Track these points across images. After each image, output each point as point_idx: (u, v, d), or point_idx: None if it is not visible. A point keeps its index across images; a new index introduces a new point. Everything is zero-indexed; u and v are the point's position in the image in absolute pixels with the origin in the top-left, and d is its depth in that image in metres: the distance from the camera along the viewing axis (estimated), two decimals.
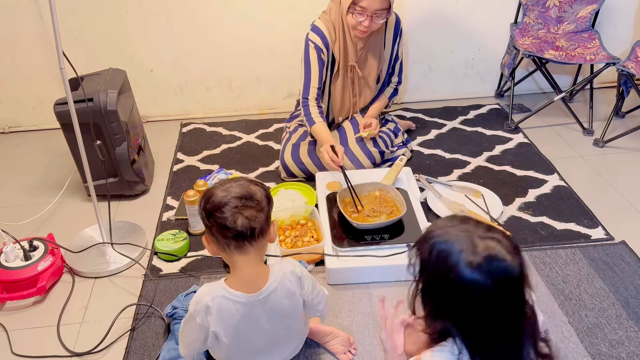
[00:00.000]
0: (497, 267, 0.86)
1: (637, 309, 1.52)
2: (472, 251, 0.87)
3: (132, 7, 2.45)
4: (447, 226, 0.93)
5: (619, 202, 1.99)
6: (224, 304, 1.15)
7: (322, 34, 2.04)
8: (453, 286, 0.88)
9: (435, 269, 0.91)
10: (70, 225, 1.94)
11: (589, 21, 2.52)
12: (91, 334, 1.51)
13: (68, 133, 1.90)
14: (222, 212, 1.09)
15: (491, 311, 0.88)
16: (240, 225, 1.09)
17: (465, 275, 0.86)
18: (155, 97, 2.70)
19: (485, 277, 0.85)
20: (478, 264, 0.85)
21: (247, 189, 1.12)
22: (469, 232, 0.89)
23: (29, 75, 2.57)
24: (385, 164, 2.19)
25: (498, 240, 0.88)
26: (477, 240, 0.88)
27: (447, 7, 2.59)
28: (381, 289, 1.61)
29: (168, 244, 1.78)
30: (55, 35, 1.45)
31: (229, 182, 1.14)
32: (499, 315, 0.88)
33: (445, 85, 2.82)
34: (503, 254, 0.86)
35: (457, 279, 0.87)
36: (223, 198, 1.10)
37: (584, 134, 2.46)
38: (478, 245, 0.87)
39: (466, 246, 0.87)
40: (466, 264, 0.86)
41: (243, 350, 1.23)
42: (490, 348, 0.91)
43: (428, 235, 0.94)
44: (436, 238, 0.92)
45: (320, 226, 1.75)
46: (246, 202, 1.10)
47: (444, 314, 0.93)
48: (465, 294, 0.87)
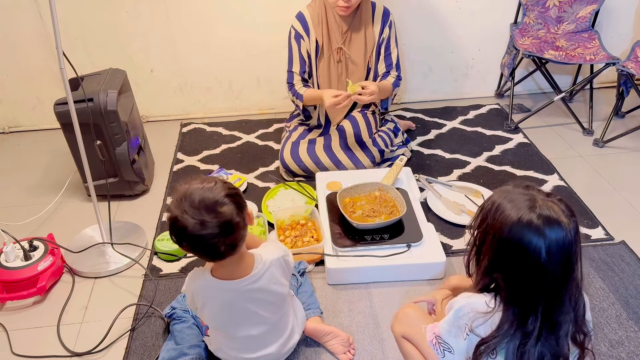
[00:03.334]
0: (552, 227, 0.90)
1: (637, 309, 1.52)
2: (530, 208, 0.91)
3: (132, 7, 2.45)
4: (510, 188, 0.98)
5: (619, 202, 1.99)
6: (211, 295, 1.20)
7: (303, 19, 2.12)
8: (509, 238, 0.92)
9: (493, 221, 0.95)
10: (70, 225, 1.94)
11: (589, 21, 2.52)
12: (91, 334, 1.51)
13: (68, 133, 1.90)
14: (201, 245, 1.09)
15: (538, 270, 0.91)
16: (223, 251, 1.10)
17: (520, 229, 0.90)
18: (155, 97, 2.70)
19: (539, 235, 0.89)
20: (532, 220, 0.90)
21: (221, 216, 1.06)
22: (530, 193, 0.94)
23: (29, 75, 2.57)
24: (385, 163, 2.19)
25: (557, 203, 0.92)
26: (538, 200, 0.92)
27: (447, 7, 2.59)
28: (381, 289, 1.61)
29: (168, 244, 1.78)
30: (55, 35, 1.45)
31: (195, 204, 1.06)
32: (545, 276, 0.91)
33: (445, 85, 2.82)
34: (559, 215, 0.90)
35: (513, 231, 0.91)
36: (201, 232, 1.06)
37: (584, 134, 2.46)
38: (537, 202, 0.92)
39: (526, 202, 0.92)
40: (522, 218, 0.90)
41: (237, 339, 1.25)
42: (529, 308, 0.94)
43: (492, 194, 0.99)
44: (499, 195, 0.97)
45: (320, 226, 1.75)
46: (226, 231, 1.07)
47: (495, 268, 0.97)
48: (519, 248, 0.91)
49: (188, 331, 1.41)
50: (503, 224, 0.92)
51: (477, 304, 0.99)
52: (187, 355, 1.34)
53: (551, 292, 0.93)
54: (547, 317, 0.94)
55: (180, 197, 1.09)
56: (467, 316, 0.99)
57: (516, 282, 0.94)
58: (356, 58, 2.15)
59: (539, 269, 0.91)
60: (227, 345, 1.28)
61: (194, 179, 1.13)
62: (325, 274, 1.65)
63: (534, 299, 0.94)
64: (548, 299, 0.93)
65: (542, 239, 0.89)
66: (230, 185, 1.13)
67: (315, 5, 2.12)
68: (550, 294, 0.93)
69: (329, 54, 2.13)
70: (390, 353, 1.40)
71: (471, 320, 0.98)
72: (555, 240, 0.89)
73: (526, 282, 0.93)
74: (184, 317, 1.44)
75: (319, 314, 1.49)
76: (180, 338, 1.39)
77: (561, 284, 0.93)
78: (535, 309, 0.94)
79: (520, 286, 0.94)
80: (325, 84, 2.20)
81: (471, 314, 0.98)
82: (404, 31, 2.62)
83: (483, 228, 0.98)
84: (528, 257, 0.91)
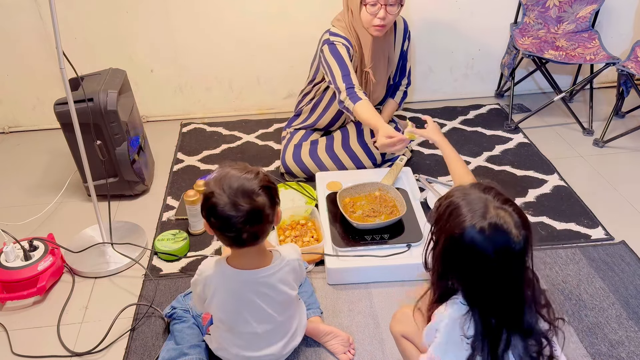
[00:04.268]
0: (500, 238, 0.89)
1: (637, 309, 1.52)
2: (481, 215, 0.90)
3: (132, 7, 2.45)
4: (469, 188, 0.97)
5: (619, 202, 1.99)
6: (224, 283, 1.21)
7: (344, 37, 1.97)
8: (458, 244, 0.92)
9: (445, 224, 0.94)
10: (70, 225, 1.94)
11: (589, 21, 2.52)
12: (91, 334, 1.51)
13: (68, 133, 1.90)
14: (227, 227, 1.11)
15: (490, 275, 0.92)
16: (245, 239, 1.13)
17: (469, 236, 0.90)
18: (155, 97, 2.70)
19: (487, 244, 0.89)
20: (482, 228, 0.89)
21: (255, 204, 1.10)
22: (486, 198, 0.93)
23: (29, 75, 2.57)
24: (385, 163, 2.19)
25: (510, 213, 0.91)
26: (490, 207, 0.91)
27: (447, 7, 2.59)
28: (381, 289, 1.61)
29: (168, 244, 1.78)
30: (55, 35, 1.45)
31: (234, 189, 1.09)
32: (498, 279, 0.92)
33: (445, 85, 2.82)
34: (509, 227, 0.89)
35: (462, 238, 0.90)
36: (229, 211, 1.09)
37: (584, 134, 2.46)
38: (489, 211, 0.90)
39: (478, 209, 0.91)
40: (472, 226, 0.90)
41: (241, 335, 1.25)
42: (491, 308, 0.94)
43: (449, 193, 0.98)
44: (455, 196, 0.96)
45: (320, 226, 1.75)
46: (253, 218, 1.10)
47: (450, 271, 0.97)
48: (468, 254, 0.91)
49: (188, 331, 1.41)
50: (455, 228, 0.91)
51: (456, 312, 0.97)
52: (188, 355, 1.34)
53: (508, 293, 0.93)
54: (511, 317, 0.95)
55: (221, 177, 1.12)
56: (456, 327, 0.96)
57: (471, 282, 0.94)
58: (380, 79, 2.12)
59: (490, 272, 0.91)
60: (230, 342, 1.28)
61: (238, 165, 1.16)
62: (325, 274, 1.65)
63: (492, 301, 0.94)
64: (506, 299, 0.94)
65: (492, 245, 0.89)
66: (269, 179, 1.16)
67: (343, 25, 1.99)
68: (507, 294, 0.93)
69: (359, 76, 2.05)
70: (390, 353, 1.40)
71: (461, 328, 0.96)
72: (503, 248, 0.89)
73: (481, 282, 0.93)
74: (184, 317, 1.44)
75: (319, 314, 1.49)
76: (181, 338, 1.39)
77: (516, 284, 0.93)
78: (496, 309, 0.94)
79: (476, 287, 0.94)
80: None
81: (458, 322, 0.96)
82: None
83: (438, 228, 0.97)
84: (479, 261, 0.91)
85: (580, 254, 1.72)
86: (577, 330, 1.45)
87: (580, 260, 1.70)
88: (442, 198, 0.99)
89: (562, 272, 1.65)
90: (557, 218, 1.90)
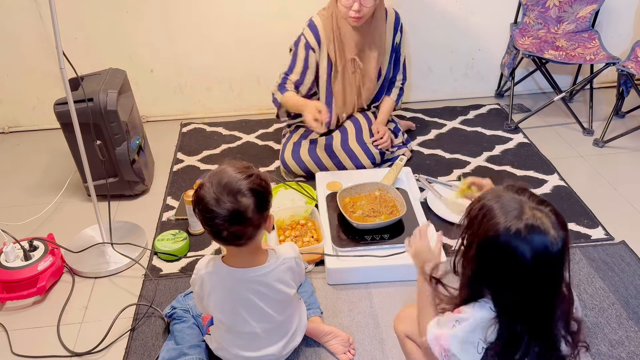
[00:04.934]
0: (537, 239, 0.86)
1: (637, 309, 1.52)
2: (517, 217, 0.87)
3: (132, 7, 2.45)
4: (502, 190, 0.94)
5: (619, 202, 1.99)
6: (219, 281, 1.21)
7: (316, 31, 2.05)
8: (493, 247, 0.89)
9: (479, 227, 0.91)
10: (70, 225, 1.94)
11: (589, 21, 2.52)
12: (91, 334, 1.51)
13: (68, 133, 1.90)
14: (208, 221, 1.11)
15: (525, 281, 0.88)
16: (225, 237, 1.12)
17: (504, 238, 0.87)
18: (155, 97, 2.70)
19: (524, 246, 0.86)
20: (518, 230, 0.86)
21: (237, 204, 1.09)
22: (520, 199, 0.90)
23: (29, 75, 2.57)
24: (385, 163, 2.19)
25: (547, 213, 0.88)
26: (526, 208, 0.88)
27: (447, 7, 2.59)
28: (381, 289, 1.61)
29: (168, 244, 1.78)
30: (55, 35, 1.45)
31: (224, 183, 1.10)
32: (533, 286, 0.89)
33: (445, 85, 2.82)
34: (547, 227, 0.87)
35: (497, 240, 0.88)
36: (213, 207, 1.09)
37: (584, 134, 2.46)
38: (525, 212, 0.88)
39: (513, 211, 0.88)
40: (507, 228, 0.87)
41: (241, 335, 1.25)
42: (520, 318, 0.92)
43: (481, 196, 0.96)
44: (487, 199, 0.93)
45: (320, 226, 1.75)
46: (234, 219, 1.09)
47: (482, 276, 0.94)
48: (503, 258, 0.88)
49: (188, 331, 1.41)
50: (489, 231, 0.89)
51: (484, 314, 0.94)
52: (187, 355, 1.34)
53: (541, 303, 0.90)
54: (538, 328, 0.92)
55: (216, 171, 1.13)
56: (478, 329, 0.95)
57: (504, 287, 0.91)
58: (369, 68, 2.12)
59: (525, 277, 0.88)
60: (230, 342, 1.28)
61: (238, 164, 1.15)
62: (325, 274, 1.65)
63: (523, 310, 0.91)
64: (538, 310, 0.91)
65: (529, 248, 0.86)
66: (263, 184, 1.14)
67: (326, 14, 2.04)
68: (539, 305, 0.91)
69: (342, 65, 2.08)
70: (390, 353, 1.40)
71: (483, 331, 0.94)
72: (541, 251, 0.86)
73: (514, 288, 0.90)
74: (184, 317, 1.44)
75: (319, 314, 1.49)
76: (181, 338, 1.39)
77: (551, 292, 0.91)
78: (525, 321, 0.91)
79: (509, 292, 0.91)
80: (340, 98, 2.15)
81: (481, 325, 0.94)
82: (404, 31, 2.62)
83: (470, 232, 0.95)
84: (514, 265, 0.88)
85: (580, 254, 1.72)
86: None
87: (580, 260, 1.70)
88: (474, 201, 0.96)
89: None
90: None
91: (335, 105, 2.18)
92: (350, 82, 2.12)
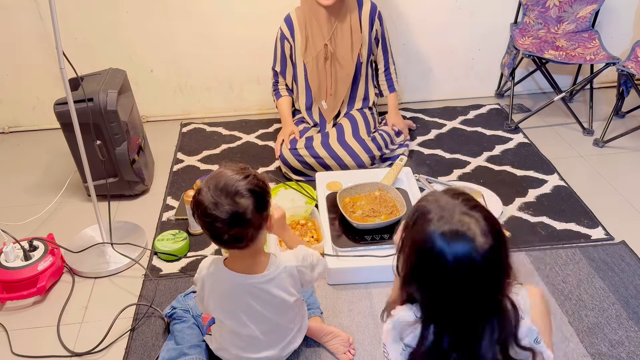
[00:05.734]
0: (461, 244, 0.84)
1: (637, 309, 1.52)
2: (446, 220, 0.86)
3: (132, 7, 2.45)
4: (440, 193, 0.93)
5: (619, 202, 1.99)
6: (219, 283, 1.21)
7: (290, 21, 2.20)
8: (420, 249, 0.88)
9: (412, 229, 0.91)
10: (70, 225, 1.94)
11: (589, 21, 2.52)
12: (91, 334, 1.51)
13: (68, 133, 1.90)
14: (208, 225, 1.10)
15: (447, 286, 0.86)
16: (226, 240, 1.11)
17: (430, 241, 0.86)
18: (155, 97, 2.70)
19: (447, 249, 0.84)
20: (443, 232, 0.85)
21: (236, 206, 1.08)
22: (454, 203, 0.89)
23: (29, 75, 2.57)
24: (385, 163, 2.19)
25: (476, 219, 0.85)
26: (456, 212, 0.87)
27: (447, 7, 2.59)
28: (381, 289, 1.61)
29: (168, 244, 1.78)
30: (55, 35, 1.45)
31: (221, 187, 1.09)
32: (456, 292, 0.87)
33: (445, 85, 2.82)
34: (474, 233, 0.84)
35: (424, 243, 0.87)
36: (212, 211, 1.08)
37: (584, 134, 2.46)
38: (454, 216, 0.86)
39: (445, 214, 0.87)
40: (434, 229, 0.86)
41: (241, 336, 1.25)
42: (444, 326, 0.90)
43: (421, 197, 0.95)
44: (424, 200, 0.93)
45: (320, 226, 1.75)
46: (234, 221, 1.09)
47: (412, 278, 0.92)
48: (428, 261, 0.87)
49: (188, 331, 1.41)
50: (419, 232, 0.88)
51: (406, 316, 0.95)
52: (187, 355, 1.34)
53: (465, 312, 0.88)
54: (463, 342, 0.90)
55: (213, 175, 1.12)
56: (398, 328, 0.95)
57: (430, 292, 0.90)
58: (343, 54, 2.18)
59: (448, 282, 0.86)
60: (231, 343, 1.28)
61: (235, 166, 1.15)
62: (325, 274, 1.65)
63: (447, 319, 0.90)
64: (462, 321, 0.89)
65: (451, 252, 0.84)
66: (260, 184, 1.13)
67: (302, 6, 2.16)
68: (464, 314, 0.88)
69: (315, 52, 2.16)
70: None
71: (402, 332, 0.94)
72: (464, 256, 0.84)
73: (439, 294, 0.88)
74: (184, 317, 1.44)
75: (319, 314, 1.49)
76: (181, 338, 1.39)
77: (476, 306, 0.88)
78: (450, 328, 0.90)
79: (434, 298, 0.90)
80: (315, 83, 2.23)
81: (401, 324, 0.95)
82: (404, 31, 2.62)
83: (405, 234, 0.93)
84: (437, 267, 0.86)
85: (580, 254, 1.72)
86: (577, 330, 1.45)
87: (580, 260, 1.70)
88: (416, 203, 0.96)
89: (562, 272, 1.65)
90: (557, 218, 1.90)
91: (312, 89, 2.25)
92: (322, 67, 2.19)
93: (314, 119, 2.30)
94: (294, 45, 2.21)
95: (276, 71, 2.30)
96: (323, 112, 2.28)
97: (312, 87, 2.24)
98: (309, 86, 2.25)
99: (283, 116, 2.31)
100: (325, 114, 2.27)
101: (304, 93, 2.29)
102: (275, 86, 2.34)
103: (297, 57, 2.23)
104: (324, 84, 2.23)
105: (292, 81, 2.31)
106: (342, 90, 2.24)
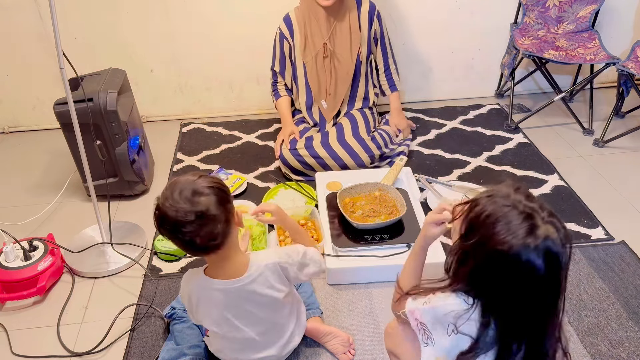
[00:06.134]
0: (553, 257, 0.86)
1: (637, 309, 1.52)
2: (531, 231, 0.87)
3: (132, 7, 2.45)
4: (509, 192, 0.92)
5: (619, 202, 1.99)
6: (204, 294, 1.19)
7: (289, 21, 2.20)
8: (504, 260, 0.88)
9: (485, 234, 0.90)
10: (70, 225, 1.94)
11: (589, 21, 2.52)
12: (91, 334, 1.51)
13: (68, 133, 1.90)
14: (181, 235, 1.07)
15: (530, 292, 0.88)
16: (200, 244, 1.08)
17: (519, 253, 0.86)
18: (155, 97, 2.70)
19: (538, 261, 0.86)
20: (537, 247, 0.86)
21: (199, 205, 1.06)
22: (532, 207, 0.89)
23: (29, 75, 2.57)
24: (385, 161, 2.19)
25: (557, 227, 0.88)
26: (538, 221, 0.88)
27: (447, 7, 2.59)
28: (381, 289, 1.61)
29: (168, 244, 1.77)
30: (55, 35, 1.45)
31: (176, 194, 1.07)
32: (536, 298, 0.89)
33: (445, 85, 2.82)
34: (560, 242, 0.87)
35: (511, 254, 0.87)
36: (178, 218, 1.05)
37: (584, 134, 2.46)
38: (539, 226, 0.87)
39: (526, 223, 0.87)
40: (522, 243, 0.86)
41: (236, 340, 1.25)
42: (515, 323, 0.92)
43: (483, 199, 0.93)
44: (493, 204, 0.91)
45: (320, 226, 1.75)
46: (201, 221, 1.06)
47: (479, 277, 0.92)
48: (513, 270, 0.87)
49: (188, 331, 1.41)
50: (499, 241, 0.87)
51: (455, 305, 0.95)
52: (187, 355, 1.34)
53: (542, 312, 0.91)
54: (533, 341, 0.92)
55: (166, 187, 1.10)
56: (449, 316, 0.95)
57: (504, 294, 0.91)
58: (342, 52, 2.19)
59: (530, 286, 0.88)
60: (227, 347, 1.28)
61: (187, 173, 1.14)
62: (325, 274, 1.65)
63: (521, 315, 0.91)
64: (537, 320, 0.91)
65: (539, 262, 0.86)
66: (216, 180, 1.12)
67: (301, 6, 2.17)
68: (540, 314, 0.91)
69: (315, 52, 2.17)
70: None
71: (454, 319, 0.94)
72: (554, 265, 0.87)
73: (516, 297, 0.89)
74: (184, 317, 1.44)
75: (319, 314, 1.49)
76: (181, 338, 1.39)
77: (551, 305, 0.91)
78: (521, 328, 0.91)
79: (508, 299, 0.90)
80: (314, 82, 2.23)
81: (452, 313, 0.94)
82: (404, 31, 2.62)
83: (473, 236, 0.92)
84: (527, 278, 0.88)
85: (580, 254, 1.72)
86: (577, 330, 1.45)
87: (580, 260, 1.70)
88: (473, 204, 0.93)
89: None
90: None
91: (312, 88, 2.26)
92: (322, 66, 2.20)
93: (314, 119, 2.31)
94: (293, 45, 2.22)
95: (275, 71, 2.31)
96: (323, 111, 2.28)
97: (311, 86, 2.24)
98: (309, 86, 2.25)
99: (283, 116, 2.31)
100: (325, 114, 2.28)
101: (304, 92, 2.29)
102: (275, 86, 2.34)
103: (297, 57, 2.23)
104: (323, 83, 2.23)
105: (291, 81, 2.31)
106: (342, 90, 2.24)
